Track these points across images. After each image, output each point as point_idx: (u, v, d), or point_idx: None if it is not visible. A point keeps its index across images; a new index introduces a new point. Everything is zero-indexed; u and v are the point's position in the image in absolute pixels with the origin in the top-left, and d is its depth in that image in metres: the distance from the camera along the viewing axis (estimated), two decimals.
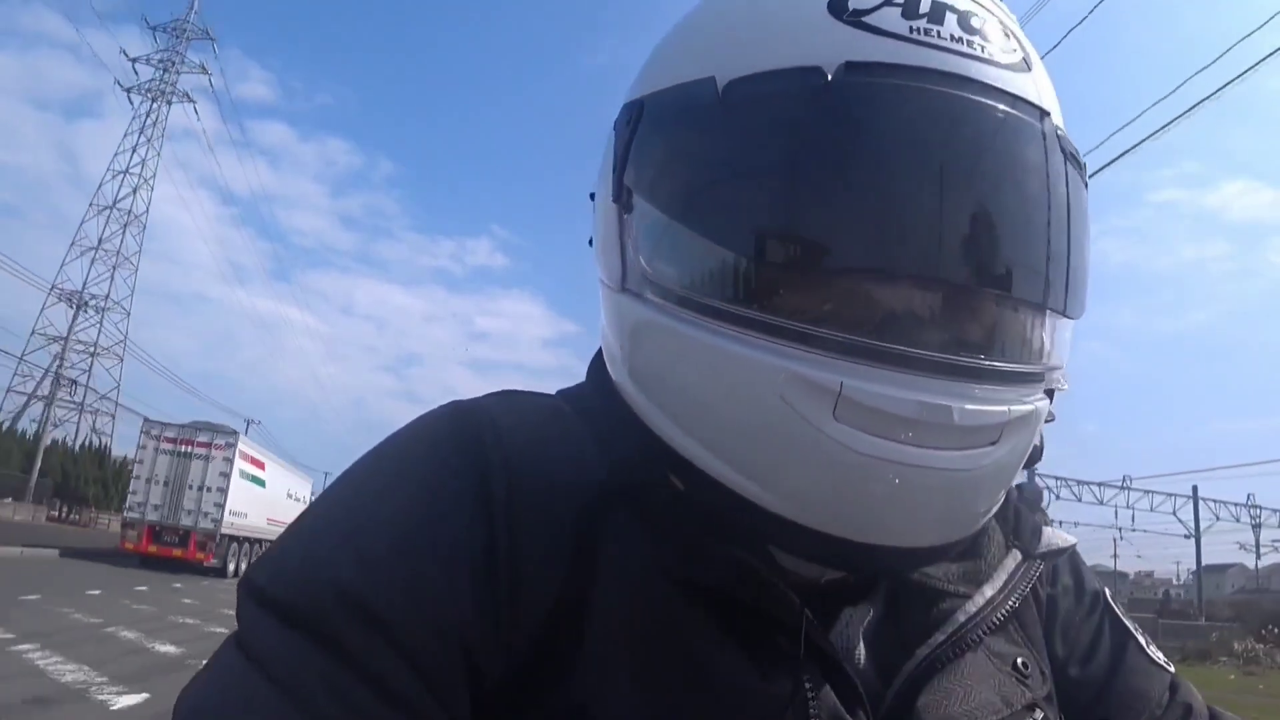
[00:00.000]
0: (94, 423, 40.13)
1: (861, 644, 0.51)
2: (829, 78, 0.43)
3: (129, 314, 42.10)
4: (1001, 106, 0.44)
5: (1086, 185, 0.49)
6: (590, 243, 0.59)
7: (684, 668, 0.46)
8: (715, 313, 0.45)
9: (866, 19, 0.44)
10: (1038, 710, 0.54)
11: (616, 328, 0.53)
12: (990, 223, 0.44)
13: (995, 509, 0.52)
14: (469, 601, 0.43)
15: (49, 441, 33.98)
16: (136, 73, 43.94)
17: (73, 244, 40.77)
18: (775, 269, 0.44)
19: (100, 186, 42.24)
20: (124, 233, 41.58)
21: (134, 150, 42.80)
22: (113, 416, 41.08)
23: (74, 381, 39.25)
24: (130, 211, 42.01)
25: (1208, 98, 7.45)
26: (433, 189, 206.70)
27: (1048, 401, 0.48)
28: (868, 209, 0.43)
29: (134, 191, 42.21)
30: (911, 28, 0.44)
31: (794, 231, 0.44)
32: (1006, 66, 0.45)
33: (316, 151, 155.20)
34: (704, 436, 0.46)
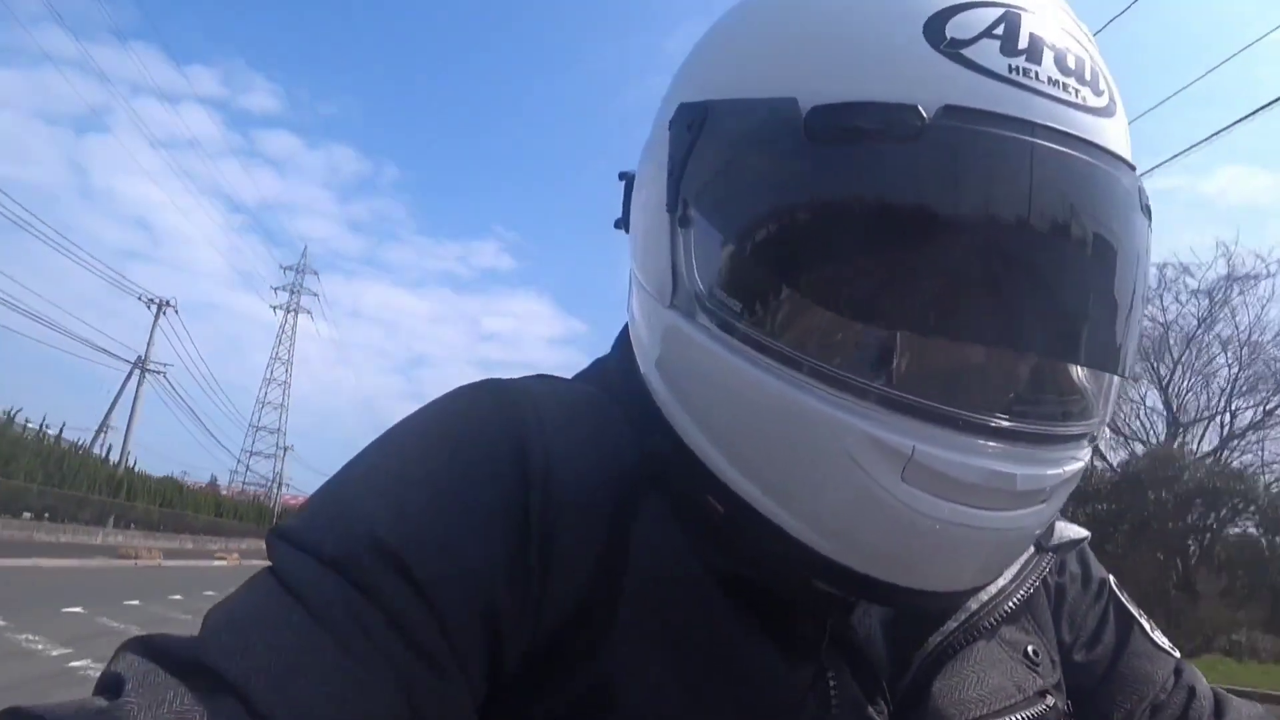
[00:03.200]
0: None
1: (878, 630, 0.52)
2: (926, 120, 0.40)
3: (285, 433, 75.66)
4: (1098, 165, 0.43)
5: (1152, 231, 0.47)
6: (617, 225, 0.58)
7: (709, 650, 0.46)
8: (784, 358, 0.42)
9: (965, 52, 0.41)
10: (1048, 696, 0.55)
11: (654, 333, 0.51)
12: (1082, 291, 0.43)
13: None
14: (501, 567, 0.43)
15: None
16: (276, 295, 76.74)
17: (255, 400, 74.78)
18: (854, 322, 0.43)
19: (267, 368, 75.28)
20: (284, 392, 75.75)
21: (280, 340, 75.75)
22: (278, 486, 73.78)
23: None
24: (285, 382, 75.99)
25: (1275, 100, 6.98)
26: (438, 193, 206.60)
27: (1090, 451, 0.48)
28: (959, 268, 0.41)
29: (286, 369, 75.95)
30: (1010, 66, 0.41)
31: (879, 286, 0.42)
32: (1097, 112, 0.43)
33: (324, 159, 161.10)
34: (750, 470, 0.45)
